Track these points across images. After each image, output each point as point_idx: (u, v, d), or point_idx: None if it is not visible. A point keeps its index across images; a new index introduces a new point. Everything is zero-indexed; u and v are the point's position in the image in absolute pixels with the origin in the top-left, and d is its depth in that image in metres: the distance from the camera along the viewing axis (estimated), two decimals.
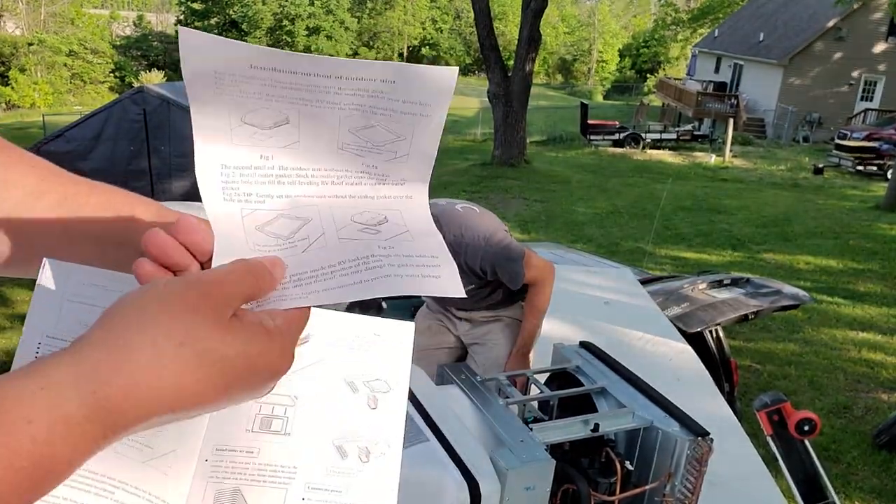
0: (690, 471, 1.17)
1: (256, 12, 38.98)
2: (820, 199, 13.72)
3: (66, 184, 0.55)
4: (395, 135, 0.47)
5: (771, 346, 5.98)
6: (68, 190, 0.55)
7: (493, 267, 2.09)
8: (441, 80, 0.46)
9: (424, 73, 0.46)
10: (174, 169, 10.65)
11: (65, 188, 0.55)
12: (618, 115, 25.38)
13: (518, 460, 1.05)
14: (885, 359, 5.77)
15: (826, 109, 23.31)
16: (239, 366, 0.38)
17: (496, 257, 2.06)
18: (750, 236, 10.40)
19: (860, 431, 4.52)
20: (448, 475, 0.98)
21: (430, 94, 0.46)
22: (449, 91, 0.46)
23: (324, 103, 0.46)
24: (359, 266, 0.44)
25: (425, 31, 52.76)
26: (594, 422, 1.24)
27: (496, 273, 2.11)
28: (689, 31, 36.46)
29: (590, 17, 52.39)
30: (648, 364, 2.68)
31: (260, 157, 0.46)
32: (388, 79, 0.45)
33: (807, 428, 2.36)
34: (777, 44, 24.92)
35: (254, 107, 0.45)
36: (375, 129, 0.47)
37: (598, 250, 8.30)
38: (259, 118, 0.45)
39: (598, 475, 1.22)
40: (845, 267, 8.90)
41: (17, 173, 0.54)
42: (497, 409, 1.22)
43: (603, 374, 1.42)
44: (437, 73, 0.46)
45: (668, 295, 3.91)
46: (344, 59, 0.45)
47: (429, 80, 0.46)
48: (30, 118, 26.41)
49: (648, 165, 17.43)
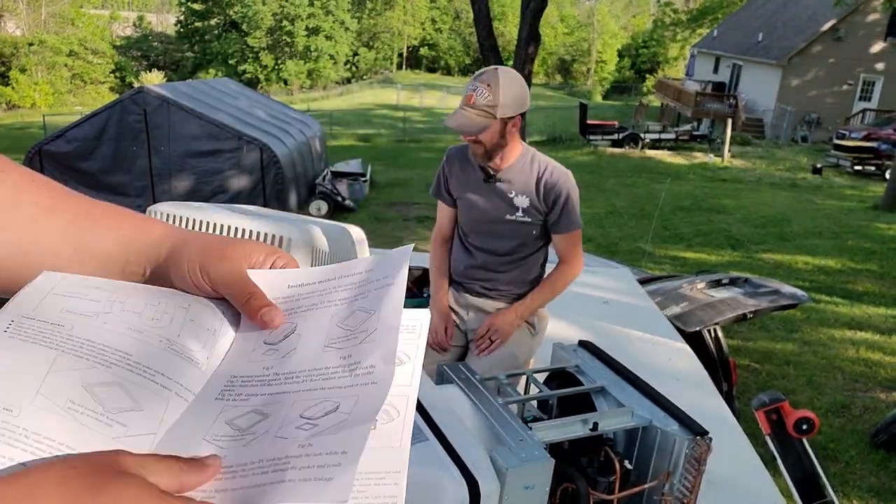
0: (689, 470, 1.18)
1: (256, 12, 38.95)
2: (818, 199, 13.73)
3: (78, 203, 0.56)
4: (367, 312, 0.51)
5: (769, 345, 5.99)
6: (80, 209, 0.55)
7: (567, 196, 2.18)
8: (400, 255, 0.54)
9: (392, 253, 0.54)
10: (174, 169, 10.65)
11: (77, 207, 0.55)
12: (617, 116, 25.39)
13: (517, 459, 1.06)
14: (883, 358, 5.78)
15: (824, 109, 23.34)
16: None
17: (572, 190, 2.20)
18: (748, 236, 10.41)
19: (858, 430, 4.53)
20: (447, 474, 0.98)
21: (393, 266, 0.53)
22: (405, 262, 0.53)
23: (326, 304, 0.53)
24: (266, 468, 0.42)
25: (425, 31, 52.75)
26: (593, 421, 1.24)
27: (560, 205, 2.18)
28: (688, 32, 36.48)
29: (589, 18, 52.41)
30: (647, 363, 2.69)
31: (263, 369, 0.50)
32: (370, 268, 0.54)
33: (805, 427, 2.37)
34: (776, 44, 24.94)
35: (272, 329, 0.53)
36: (355, 315, 0.51)
37: (597, 250, 8.31)
38: (274, 335, 0.52)
39: (597, 474, 1.23)
40: (843, 267, 8.91)
41: (29, 192, 0.54)
42: (496, 409, 1.23)
43: (602, 374, 1.42)
44: (399, 252, 0.54)
45: (666, 294, 3.92)
46: (347, 263, 0.55)
47: (393, 256, 0.54)
48: (30, 118, 26.41)
49: (647, 165, 17.45)
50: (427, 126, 24.39)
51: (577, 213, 2.22)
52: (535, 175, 2.19)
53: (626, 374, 1.41)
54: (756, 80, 25.49)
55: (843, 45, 23.48)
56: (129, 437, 0.43)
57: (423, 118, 26.83)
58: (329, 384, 0.47)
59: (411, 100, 33.64)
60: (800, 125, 23.01)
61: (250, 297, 0.53)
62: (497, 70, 2.11)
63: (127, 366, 0.46)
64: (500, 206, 2.21)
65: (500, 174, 2.21)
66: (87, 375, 0.45)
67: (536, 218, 2.21)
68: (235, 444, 0.45)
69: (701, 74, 29.98)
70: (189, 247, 0.54)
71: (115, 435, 0.43)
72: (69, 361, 0.45)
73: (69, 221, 0.54)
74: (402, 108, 29.21)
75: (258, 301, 0.53)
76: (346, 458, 0.41)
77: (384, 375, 0.47)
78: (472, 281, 2.36)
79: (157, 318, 0.51)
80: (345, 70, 45.33)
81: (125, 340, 0.48)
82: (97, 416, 0.43)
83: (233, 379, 0.49)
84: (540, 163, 2.22)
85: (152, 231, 0.56)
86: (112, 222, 0.56)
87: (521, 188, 2.19)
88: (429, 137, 22.16)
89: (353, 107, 32.00)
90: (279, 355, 0.50)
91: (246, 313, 0.53)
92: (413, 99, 34.00)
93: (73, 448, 0.41)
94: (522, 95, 2.13)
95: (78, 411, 0.43)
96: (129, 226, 0.56)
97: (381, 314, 0.50)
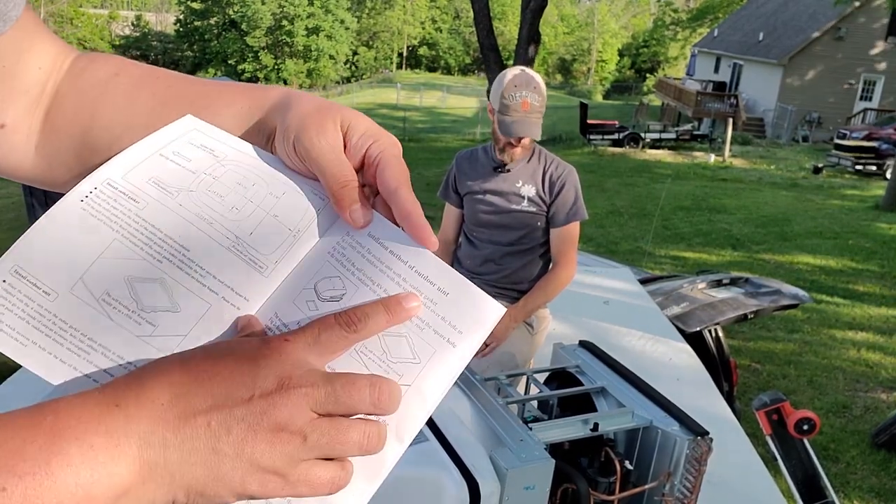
0: (690, 470, 1.18)
1: (256, 12, 38.95)
2: (819, 199, 13.72)
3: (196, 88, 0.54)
4: (413, 354, 0.44)
5: (770, 345, 5.98)
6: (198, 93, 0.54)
7: (568, 188, 2.32)
8: (487, 312, 0.45)
9: (477, 298, 0.45)
10: None
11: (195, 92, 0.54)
12: (617, 115, 25.39)
13: (518, 460, 1.05)
14: (884, 358, 5.77)
15: (825, 109, 23.33)
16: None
17: (575, 183, 2.35)
18: (749, 236, 10.40)
19: (859, 431, 4.52)
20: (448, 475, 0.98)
21: (471, 321, 0.45)
22: (488, 326, 0.45)
23: (380, 290, 0.45)
24: None
25: (425, 30, 52.80)
26: (594, 421, 1.24)
27: (562, 196, 2.32)
28: (689, 31, 36.48)
29: (589, 17, 52.42)
30: (648, 364, 2.69)
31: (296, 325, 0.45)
32: (446, 289, 0.45)
33: (806, 427, 2.36)
34: (776, 43, 24.93)
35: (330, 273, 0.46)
36: (401, 342, 0.44)
37: (597, 250, 8.31)
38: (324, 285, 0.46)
39: (597, 474, 1.23)
40: (844, 267, 8.91)
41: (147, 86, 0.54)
42: (496, 409, 1.22)
43: (602, 374, 1.42)
44: (489, 304, 0.46)
45: (667, 294, 3.92)
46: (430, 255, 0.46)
47: (478, 307, 0.45)
48: None
49: (648, 165, 17.44)
50: (427, 126, 24.38)
51: (578, 205, 2.36)
52: (541, 167, 2.36)
53: (626, 375, 1.41)
54: (757, 79, 25.49)
55: (843, 44, 23.48)
56: (155, 336, 0.43)
57: (422, 118, 26.80)
58: None
59: (411, 99, 33.63)
60: (801, 125, 23.01)
61: (347, 185, 0.47)
62: (527, 72, 2.29)
63: (179, 262, 0.45)
64: (507, 195, 2.35)
65: (509, 165, 2.35)
66: (134, 268, 0.45)
67: (540, 208, 2.34)
68: None
69: (701, 74, 29.97)
70: (293, 112, 0.49)
71: (140, 333, 0.43)
72: (122, 249, 0.45)
73: (187, 107, 0.52)
74: (401, 107, 29.18)
75: (353, 192, 0.46)
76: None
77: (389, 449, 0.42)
78: (477, 276, 2.41)
79: (239, 207, 0.48)
80: (344, 69, 45.34)
81: (190, 231, 0.46)
82: (129, 312, 0.43)
83: (272, 320, 0.45)
84: (546, 157, 2.39)
85: (268, 99, 0.52)
86: (228, 98, 0.53)
87: (527, 178, 2.35)
88: (429, 137, 22.15)
89: (352, 106, 31.88)
90: (315, 318, 0.46)
91: (335, 201, 0.47)
92: (413, 98, 33.97)
93: (94, 340, 0.42)
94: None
95: (111, 305, 0.43)
96: (246, 98, 0.53)
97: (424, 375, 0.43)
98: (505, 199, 2.34)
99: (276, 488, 0.38)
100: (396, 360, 0.43)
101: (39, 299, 0.43)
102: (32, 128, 0.54)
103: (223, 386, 0.37)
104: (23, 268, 0.44)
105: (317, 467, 0.38)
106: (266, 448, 0.37)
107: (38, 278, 0.43)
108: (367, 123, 0.49)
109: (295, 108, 0.49)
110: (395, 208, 0.47)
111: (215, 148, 0.50)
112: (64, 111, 0.54)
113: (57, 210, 0.46)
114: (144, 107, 0.53)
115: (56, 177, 0.55)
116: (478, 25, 14.70)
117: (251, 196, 0.48)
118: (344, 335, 0.41)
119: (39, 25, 0.53)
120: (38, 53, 0.53)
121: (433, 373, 0.43)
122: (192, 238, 0.46)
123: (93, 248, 0.45)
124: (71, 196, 0.47)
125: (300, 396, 0.37)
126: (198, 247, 0.46)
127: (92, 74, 0.55)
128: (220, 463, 0.36)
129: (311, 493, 0.39)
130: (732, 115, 21.49)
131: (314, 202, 0.49)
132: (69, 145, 0.53)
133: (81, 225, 0.45)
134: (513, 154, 2.31)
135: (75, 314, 0.43)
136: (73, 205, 0.46)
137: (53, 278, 0.43)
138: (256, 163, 0.50)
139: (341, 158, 0.47)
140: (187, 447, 0.36)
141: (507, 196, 2.34)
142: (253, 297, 0.45)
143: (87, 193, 0.47)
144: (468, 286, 0.46)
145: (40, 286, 0.43)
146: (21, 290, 0.43)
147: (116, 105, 0.53)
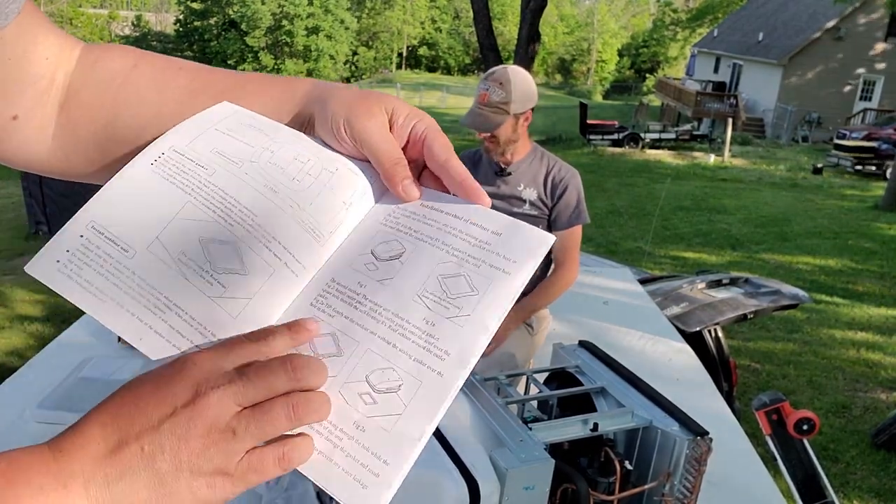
0: (689, 470, 1.18)
1: (255, 12, 38.94)
2: (819, 199, 13.72)
3: (222, 79, 0.55)
4: (472, 288, 0.46)
5: (770, 345, 5.98)
6: (224, 84, 0.55)
7: (571, 191, 2.31)
8: (537, 241, 0.48)
9: (527, 231, 0.49)
10: None
11: (221, 83, 0.55)
12: (617, 115, 25.38)
13: (517, 460, 1.05)
14: (884, 358, 5.77)
15: (825, 109, 23.33)
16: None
17: (578, 187, 2.33)
18: (749, 236, 10.41)
19: (859, 431, 4.52)
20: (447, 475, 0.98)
21: (522, 252, 0.47)
22: (539, 254, 0.47)
23: (438, 242, 0.48)
24: (322, 431, 0.43)
25: (424, 30, 52.79)
26: (593, 421, 1.24)
27: (564, 199, 2.30)
28: (688, 31, 36.49)
29: (588, 17, 52.43)
30: (648, 364, 2.69)
31: (357, 285, 0.47)
32: (498, 231, 0.48)
33: (805, 427, 2.36)
34: (776, 43, 24.94)
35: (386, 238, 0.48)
36: (459, 280, 0.46)
37: (597, 250, 8.30)
38: (383, 248, 0.48)
39: (597, 474, 1.23)
40: (844, 267, 8.91)
41: (173, 77, 0.54)
42: (496, 409, 1.22)
43: (602, 374, 1.42)
44: (538, 234, 0.48)
45: (667, 295, 3.91)
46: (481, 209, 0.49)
47: (528, 239, 0.48)
48: None
49: (648, 165, 17.44)
50: None
51: (580, 209, 2.34)
52: (543, 170, 2.34)
53: (626, 375, 1.41)
54: (756, 79, 25.49)
55: (843, 44, 23.48)
56: (224, 297, 0.44)
57: None
58: (402, 345, 0.44)
59: (411, 99, 33.62)
60: (800, 125, 23.01)
61: (397, 162, 0.50)
62: (507, 68, 2.24)
63: (248, 227, 0.46)
64: (509, 199, 2.34)
65: (510, 168, 2.33)
66: (208, 229, 0.45)
67: (542, 212, 2.33)
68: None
69: (701, 74, 29.98)
70: (335, 99, 0.52)
71: (212, 294, 0.44)
72: (196, 210, 0.46)
73: (213, 97, 0.53)
74: None
75: (404, 169, 0.50)
76: (387, 470, 0.40)
77: (452, 372, 0.43)
78: None
79: (299, 179, 0.50)
80: (344, 69, 45.34)
81: (257, 199, 0.48)
82: (202, 272, 0.44)
83: (330, 284, 0.47)
84: (549, 159, 2.37)
85: (297, 90, 0.54)
86: (256, 88, 0.55)
87: (529, 182, 2.33)
88: None
89: None
90: (376, 276, 0.47)
91: (387, 177, 0.50)
92: (413, 98, 34.00)
93: (170, 300, 0.43)
94: (531, 90, 2.26)
95: (187, 265, 0.44)
96: (274, 89, 0.55)
97: (483, 304, 0.45)
98: (506, 203, 2.33)
99: (226, 486, 0.39)
100: (456, 295, 0.45)
101: (118, 255, 0.43)
102: (45, 119, 0.54)
103: (146, 410, 0.38)
104: (101, 224, 0.44)
105: (256, 454, 0.39)
106: (201, 452, 0.38)
107: (116, 235, 0.44)
108: (408, 106, 0.52)
109: (337, 96, 0.52)
110: (447, 176, 0.50)
111: (263, 127, 0.52)
112: (81, 103, 0.54)
113: (129, 171, 0.47)
114: (172, 97, 0.53)
115: (75, 168, 0.55)
116: (477, 25, 14.70)
117: (308, 170, 0.51)
118: (251, 344, 0.42)
119: (42, 18, 0.53)
120: (44, 44, 0.53)
121: (491, 300, 0.45)
122: (259, 204, 0.48)
123: (167, 209, 0.46)
124: (141, 159, 0.48)
125: (218, 396, 0.39)
126: (264, 213, 0.47)
127: (107, 65, 0.55)
128: (162, 481, 0.37)
129: (261, 479, 0.40)
130: (732, 115, 21.49)
131: (361, 179, 0.52)
132: (90, 137, 0.54)
133: (155, 186, 0.46)
134: (490, 150, 2.28)
135: (153, 272, 0.43)
136: (144, 167, 0.47)
137: (131, 235, 0.44)
138: (305, 141, 0.52)
139: (390, 138, 0.50)
140: (128, 477, 0.37)
141: (509, 199, 2.33)
142: (309, 265, 0.47)
143: (156, 157, 0.48)
144: (519, 225, 0.49)
145: (118, 243, 0.44)
146: (100, 245, 0.43)
147: (142, 96, 0.53)
